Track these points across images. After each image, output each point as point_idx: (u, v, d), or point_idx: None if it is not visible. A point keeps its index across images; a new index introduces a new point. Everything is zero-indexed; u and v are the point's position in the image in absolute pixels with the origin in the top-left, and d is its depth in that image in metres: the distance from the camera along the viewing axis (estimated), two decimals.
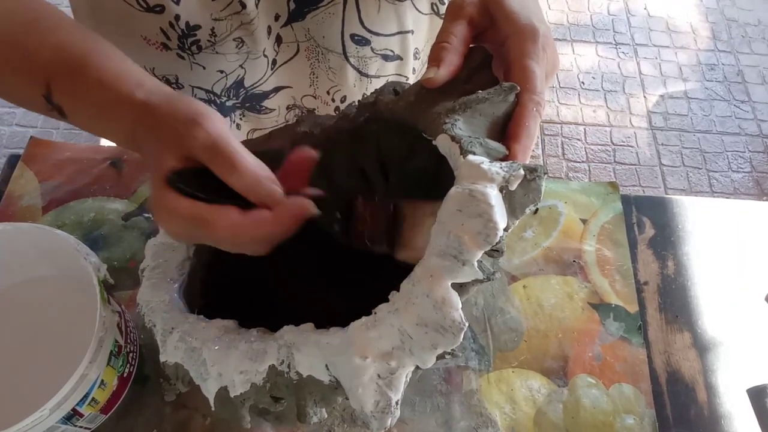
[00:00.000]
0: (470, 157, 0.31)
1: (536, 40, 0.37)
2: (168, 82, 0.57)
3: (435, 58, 0.37)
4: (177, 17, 0.47)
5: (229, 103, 0.60)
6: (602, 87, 1.87)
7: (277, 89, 0.61)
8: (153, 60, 0.54)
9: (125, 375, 0.45)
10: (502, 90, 0.34)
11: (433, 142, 0.34)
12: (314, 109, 0.65)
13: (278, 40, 0.55)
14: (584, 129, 1.78)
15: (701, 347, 0.55)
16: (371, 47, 0.59)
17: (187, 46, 0.51)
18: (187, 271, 0.40)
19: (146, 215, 0.57)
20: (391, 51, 0.61)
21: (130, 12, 0.47)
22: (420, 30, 0.60)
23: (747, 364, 0.55)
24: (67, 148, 0.62)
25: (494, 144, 0.33)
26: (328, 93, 0.63)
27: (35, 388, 0.45)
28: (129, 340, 0.46)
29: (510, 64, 0.37)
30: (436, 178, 0.42)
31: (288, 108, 0.64)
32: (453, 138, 0.32)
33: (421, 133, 0.36)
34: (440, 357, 0.29)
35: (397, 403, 0.29)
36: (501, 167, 0.30)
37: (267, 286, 0.49)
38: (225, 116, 0.62)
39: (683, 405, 0.52)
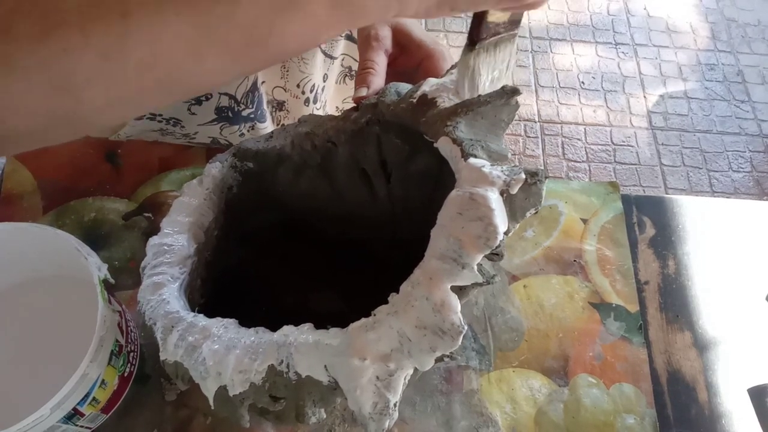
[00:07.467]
0: (471, 160, 0.31)
1: (445, 58, 0.48)
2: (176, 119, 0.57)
3: (362, 81, 0.44)
4: None
5: (245, 113, 0.60)
6: (602, 87, 1.87)
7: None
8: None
9: (126, 374, 0.46)
10: (504, 93, 0.34)
11: (435, 145, 0.34)
12: (284, 101, 0.66)
13: None
14: (584, 129, 1.78)
15: (702, 347, 0.55)
16: None
17: None
18: (188, 269, 0.40)
19: (146, 215, 0.57)
20: (350, 30, 0.64)
21: None
22: None
23: (747, 363, 0.55)
24: None
25: (496, 147, 0.33)
26: (297, 86, 0.64)
27: (36, 387, 0.45)
28: (130, 340, 0.46)
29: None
30: (437, 181, 0.43)
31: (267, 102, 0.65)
32: (454, 141, 0.32)
33: (422, 135, 0.36)
34: (439, 360, 0.29)
35: (395, 405, 0.29)
36: (502, 171, 0.30)
37: (267, 285, 0.49)
38: (235, 125, 0.62)
39: (684, 405, 0.52)
